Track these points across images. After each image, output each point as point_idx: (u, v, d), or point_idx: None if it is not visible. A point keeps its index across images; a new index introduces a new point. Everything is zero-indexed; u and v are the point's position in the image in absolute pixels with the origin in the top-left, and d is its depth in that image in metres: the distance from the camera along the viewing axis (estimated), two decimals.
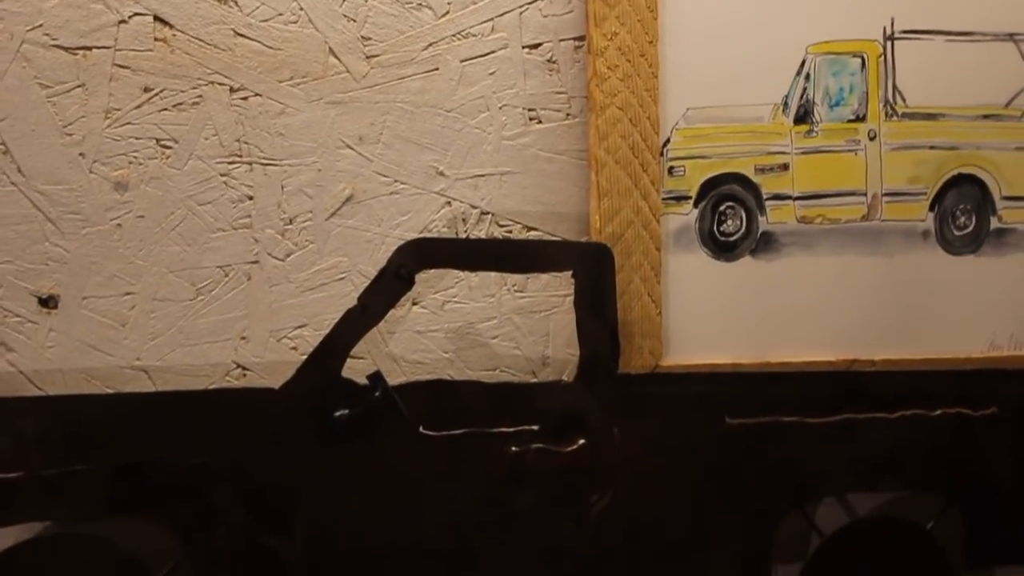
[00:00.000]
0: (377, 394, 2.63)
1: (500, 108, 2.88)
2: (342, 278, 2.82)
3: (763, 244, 2.95)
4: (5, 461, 2.55)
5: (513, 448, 2.73)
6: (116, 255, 2.73)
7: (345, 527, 2.68)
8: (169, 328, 2.76)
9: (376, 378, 2.64)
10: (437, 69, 2.86)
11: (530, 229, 2.89)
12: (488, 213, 2.87)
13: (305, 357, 2.67)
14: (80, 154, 2.71)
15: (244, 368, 2.79)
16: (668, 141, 2.90)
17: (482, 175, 2.87)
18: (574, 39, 2.90)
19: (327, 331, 2.64)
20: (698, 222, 2.93)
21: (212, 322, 2.78)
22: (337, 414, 2.64)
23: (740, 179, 2.95)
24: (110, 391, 2.73)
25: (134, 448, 2.59)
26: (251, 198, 2.78)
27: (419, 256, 2.67)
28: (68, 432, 2.58)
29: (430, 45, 2.85)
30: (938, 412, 2.96)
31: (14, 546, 2.60)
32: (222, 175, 2.76)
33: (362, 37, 2.82)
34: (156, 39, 2.75)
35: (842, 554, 2.96)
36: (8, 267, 2.70)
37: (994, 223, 3.04)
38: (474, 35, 2.86)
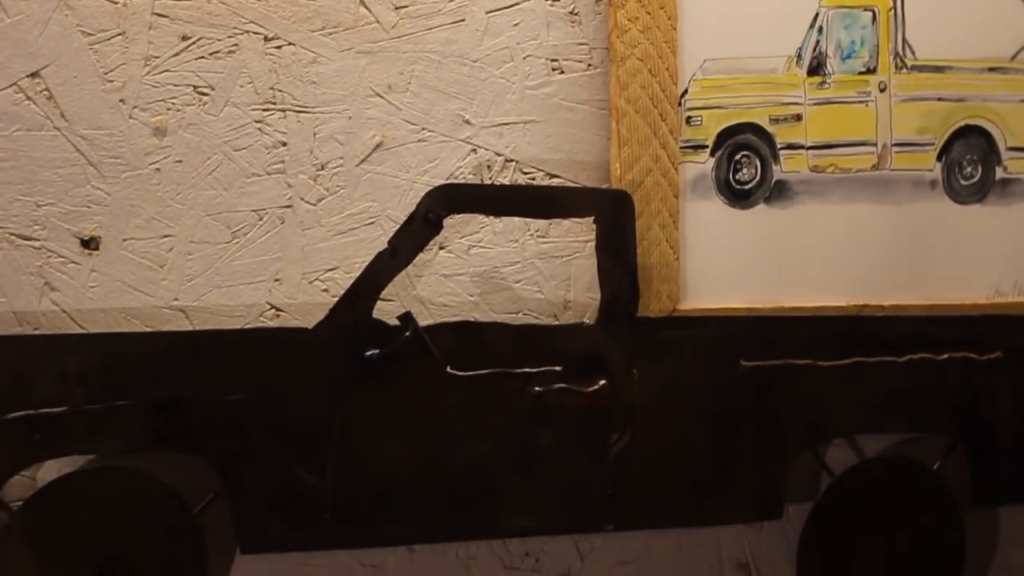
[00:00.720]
0: (408, 334, 2.72)
1: (524, 58, 2.96)
2: (371, 223, 2.90)
3: (777, 192, 3.04)
4: (51, 396, 2.63)
5: (536, 388, 2.82)
6: (155, 198, 2.81)
7: (375, 461, 2.77)
8: (206, 270, 2.84)
9: (407, 318, 2.72)
10: (463, 20, 2.93)
11: (552, 176, 2.98)
12: (512, 161, 2.96)
13: (336, 299, 2.76)
14: (120, 100, 2.79)
15: (277, 309, 2.88)
16: (686, 91, 2.98)
17: (506, 123, 2.95)
18: None
19: (358, 273, 2.73)
20: (714, 170, 3.01)
21: (247, 264, 2.86)
22: (368, 353, 2.72)
23: (755, 129, 3.03)
24: (149, 330, 2.80)
25: (173, 385, 2.68)
26: (284, 144, 2.86)
27: (447, 201, 2.76)
28: (110, 369, 2.66)
29: None
30: (945, 356, 3.07)
31: (59, 478, 2.68)
32: (256, 122, 2.84)
33: None
34: None
35: (851, 493, 3.06)
36: (52, 209, 2.77)
37: (999, 173, 3.13)
38: None
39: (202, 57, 2.82)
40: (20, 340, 2.68)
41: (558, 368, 2.85)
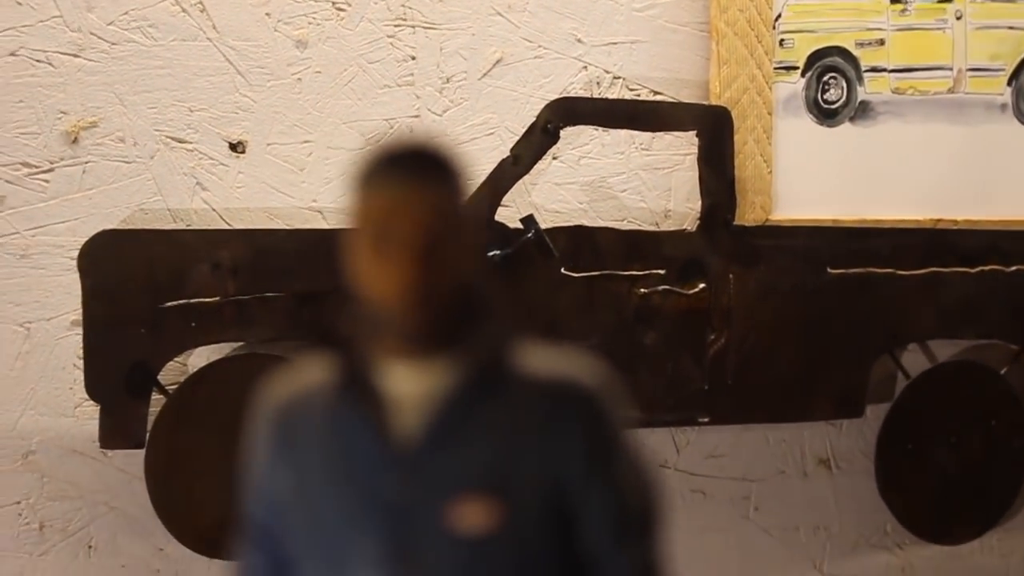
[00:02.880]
0: (530, 235, 2.91)
1: None
2: (491, 133, 3.10)
3: (861, 112, 3.25)
4: (205, 287, 2.82)
5: (642, 289, 3.03)
6: (296, 106, 3.02)
7: None
8: (341, 173, 3.03)
9: (529, 221, 2.91)
10: None
11: (656, 93, 3.18)
12: (619, 78, 3.16)
13: None
14: (266, 14, 2.99)
15: None
16: (780, 16, 3.19)
17: (615, 43, 3.16)
18: None
19: (481, 179, 2.92)
20: (805, 90, 3.22)
21: None
22: (491, 253, 2.91)
23: (842, 52, 3.24)
24: (289, 228, 3.01)
25: (314, 279, 2.85)
26: (414, 58, 3.06)
27: (566, 112, 2.96)
28: (258, 263, 2.85)
29: None
30: (1013, 268, 3.26)
31: (211, 363, 2.90)
32: (389, 36, 3.04)
33: None
34: None
35: (926, 395, 3.26)
36: (203, 115, 2.97)
37: None
38: None
39: None
40: (177, 235, 2.88)
41: (662, 271, 3.04)
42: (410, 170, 1.50)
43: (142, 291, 2.80)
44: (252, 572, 1.70)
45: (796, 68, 3.21)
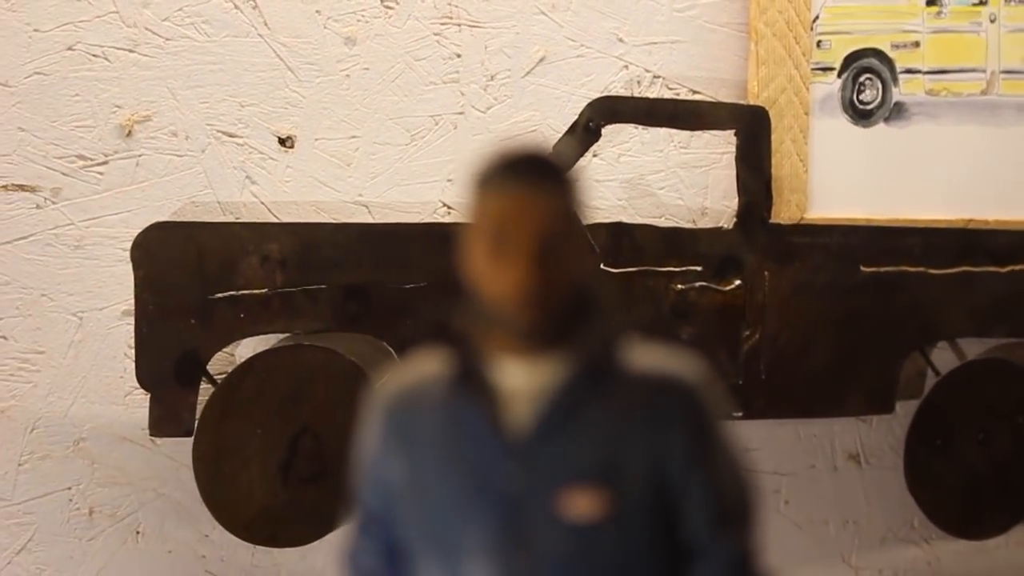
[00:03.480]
0: None
1: None
2: (534, 130, 3.16)
3: (895, 113, 3.30)
4: (253, 279, 2.89)
5: (679, 285, 3.08)
6: (344, 102, 3.08)
7: None
8: (387, 169, 3.11)
9: None
10: None
11: (695, 92, 3.23)
12: (659, 77, 3.21)
13: None
14: (316, 11, 3.04)
15: (449, 207, 3.14)
16: (817, 17, 3.24)
17: (655, 43, 3.21)
18: None
19: None
20: (841, 91, 3.27)
21: (423, 165, 3.12)
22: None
23: (878, 54, 3.29)
24: (336, 222, 3.06)
25: (360, 272, 2.93)
26: (459, 56, 3.12)
27: (608, 111, 3.01)
28: (305, 256, 2.91)
29: None
30: None
31: (259, 354, 2.95)
32: (435, 34, 3.10)
33: None
34: None
35: (955, 392, 3.28)
36: (253, 110, 3.04)
37: None
38: None
39: None
40: (227, 227, 2.93)
41: (698, 268, 3.09)
42: (528, 176, 1.61)
43: (192, 282, 2.87)
44: (364, 555, 1.81)
45: (833, 69, 3.25)
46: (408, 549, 1.75)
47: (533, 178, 1.61)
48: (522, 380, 1.68)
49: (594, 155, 3.19)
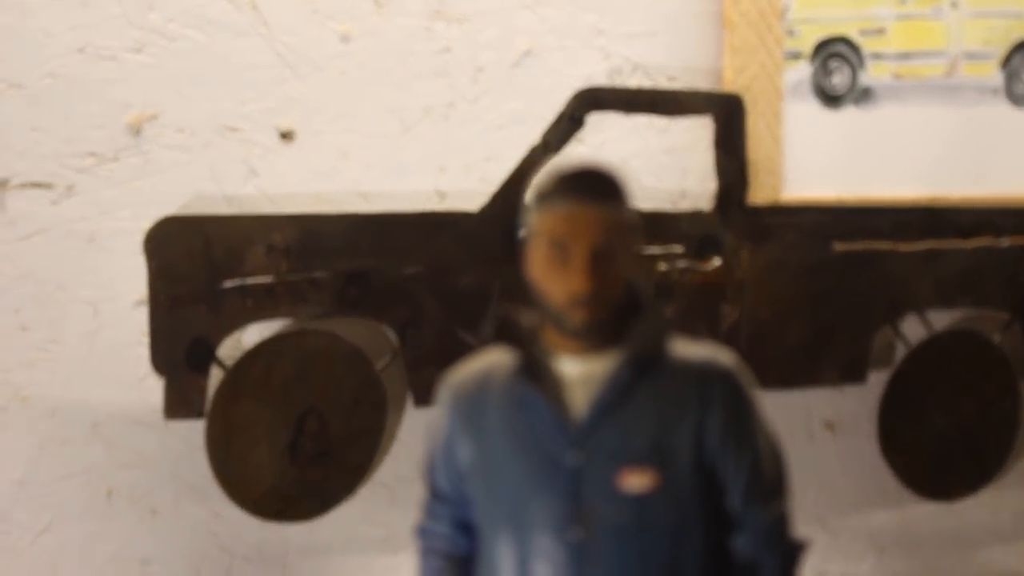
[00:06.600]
0: None
1: None
2: (521, 120, 3.28)
3: (864, 96, 3.45)
4: (259, 268, 3.01)
5: (662, 266, 3.22)
6: (341, 96, 3.21)
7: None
8: (382, 159, 3.23)
9: None
10: None
11: (672, 79, 3.38)
12: (639, 67, 3.35)
13: (492, 186, 3.13)
14: (314, 10, 3.17)
15: (442, 194, 3.27)
16: (788, 7, 3.38)
17: (634, 34, 3.35)
18: None
19: (509, 164, 3.09)
20: (811, 77, 3.42)
21: (417, 155, 3.26)
22: (519, 233, 3.07)
23: (846, 41, 3.44)
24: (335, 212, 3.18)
25: (360, 259, 3.04)
26: (448, 50, 3.25)
27: (591, 101, 3.14)
28: (308, 244, 3.03)
29: None
30: (1006, 242, 3.45)
31: (265, 339, 3.06)
32: (425, 29, 3.23)
33: None
34: None
35: (924, 361, 3.44)
36: (255, 106, 3.16)
37: None
38: None
39: None
40: (235, 219, 3.05)
41: (680, 249, 3.23)
42: (585, 190, 1.88)
43: (202, 272, 2.99)
44: (437, 530, 2.07)
45: (803, 56, 3.40)
46: (476, 526, 1.99)
47: (589, 192, 1.87)
48: (579, 370, 1.93)
49: (579, 142, 3.32)
